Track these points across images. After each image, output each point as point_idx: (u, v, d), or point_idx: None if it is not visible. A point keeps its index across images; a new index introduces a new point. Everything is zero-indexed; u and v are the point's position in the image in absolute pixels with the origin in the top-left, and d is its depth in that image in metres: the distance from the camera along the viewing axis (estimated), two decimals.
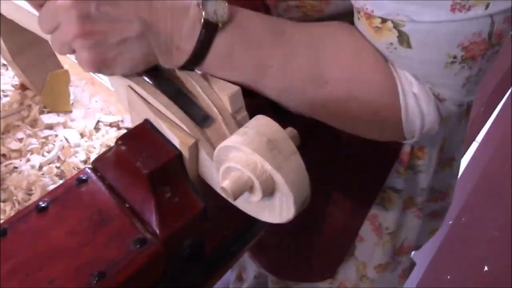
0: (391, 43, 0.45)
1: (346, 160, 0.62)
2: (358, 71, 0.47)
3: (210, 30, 0.43)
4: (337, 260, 0.78)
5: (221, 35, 0.43)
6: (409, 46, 0.44)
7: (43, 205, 0.42)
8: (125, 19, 0.41)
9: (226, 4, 0.43)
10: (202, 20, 0.42)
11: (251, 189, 0.38)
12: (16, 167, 0.70)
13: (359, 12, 0.46)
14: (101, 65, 0.42)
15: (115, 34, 0.41)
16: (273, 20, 0.47)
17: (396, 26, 0.43)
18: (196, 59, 0.44)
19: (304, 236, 0.76)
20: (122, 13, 0.40)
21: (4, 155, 0.71)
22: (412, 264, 0.96)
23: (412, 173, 0.69)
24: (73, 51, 0.43)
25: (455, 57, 0.44)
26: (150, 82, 0.45)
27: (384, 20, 0.44)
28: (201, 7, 0.42)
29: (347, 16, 0.48)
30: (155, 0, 0.41)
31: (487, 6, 0.40)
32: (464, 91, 0.47)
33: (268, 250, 0.82)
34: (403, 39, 0.44)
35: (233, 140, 0.38)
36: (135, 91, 0.46)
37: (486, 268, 1.48)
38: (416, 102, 0.48)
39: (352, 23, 0.49)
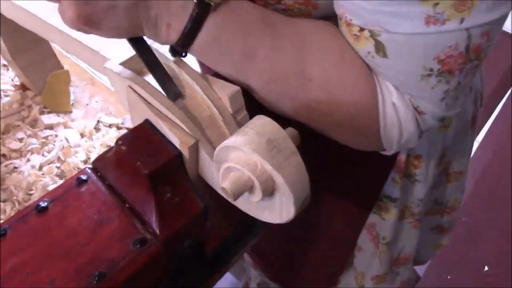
0: (369, 52, 0.45)
1: (342, 167, 0.62)
2: (341, 74, 0.47)
3: (202, 9, 0.42)
4: (337, 269, 0.78)
5: (212, 15, 0.43)
6: (385, 55, 0.44)
7: (43, 205, 0.42)
8: None
9: None
10: (195, 0, 0.42)
11: (251, 189, 0.38)
12: (16, 167, 0.70)
13: (340, 19, 0.46)
14: (84, 25, 0.42)
15: None
16: (264, 10, 0.47)
17: (372, 35, 0.43)
18: (186, 39, 0.44)
19: (306, 244, 0.76)
20: None
21: (4, 155, 0.71)
22: (417, 278, 0.94)
23: (409, 182, 0.68)
24: (57, 1, 0.42)
25: (431, 69, 0.43)
26: (132, 47, 0.45)
27: (361, 29, 0.44)
28: None
29: (334, 18, 0.48)
30: None
31: (462, 21, 0.40)
32: (443, 105, 0.47)
33: (270, 259, 0.82)
34: (379, 48, 0.44)
35: (233, 140, 0.38)
36: (135, 91, 0.46)
37: (486, 268, 1.48)
38: (395, 112, 0.48)
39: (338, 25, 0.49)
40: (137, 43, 0.45)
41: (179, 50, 0.45)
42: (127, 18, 0.42)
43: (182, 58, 0.47)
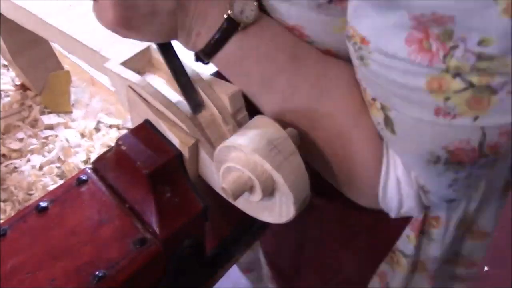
0: (379, 123, 0.43)
1: (358, 216, 0.58)
2: (351, 136, 0.45)
3: (230, 27, 0.43)
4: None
5: (239, 35, 0.43)
6: (393, 132, 0.41)
7: (43, 205, 0.42)
8: None
9: (256, 6, 0.43)
10: (226, 16, 0.42)
11: (251, 189, 0.38)
12: (16, 167, 0.70)
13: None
14: (123, 28, 0.42)
15: (148, 5, 0.41)
16: (296, 41, 0.46)
17: (383, 108, 0.41)
18: (210, 49, 0.44)
19: (319, 275, 0.75)
20: None
21: (4, 155, 0.71)
22: None
23: (425, 240, 0.65)
24: None
25: (438, 157, 0.40)
26: (160, 54, 0.46)
27: (374, 99, 0.41)
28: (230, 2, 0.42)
29: None
30: None
31: (475, 118, 0.36)
32: (450, 191, 0.43)
33: (287, 278, 0.82)
34: (388, 123, 0.41)
35: (233, 140, 0.38)
36: (135, 91, 0.46)
37: (486, 269, 1.48)
38: (397, 185, 0.45)
39: None
40: (166, 49, 0.46)
41: (202, 57, 0.46)
42: (167, 23, 0.42)
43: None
